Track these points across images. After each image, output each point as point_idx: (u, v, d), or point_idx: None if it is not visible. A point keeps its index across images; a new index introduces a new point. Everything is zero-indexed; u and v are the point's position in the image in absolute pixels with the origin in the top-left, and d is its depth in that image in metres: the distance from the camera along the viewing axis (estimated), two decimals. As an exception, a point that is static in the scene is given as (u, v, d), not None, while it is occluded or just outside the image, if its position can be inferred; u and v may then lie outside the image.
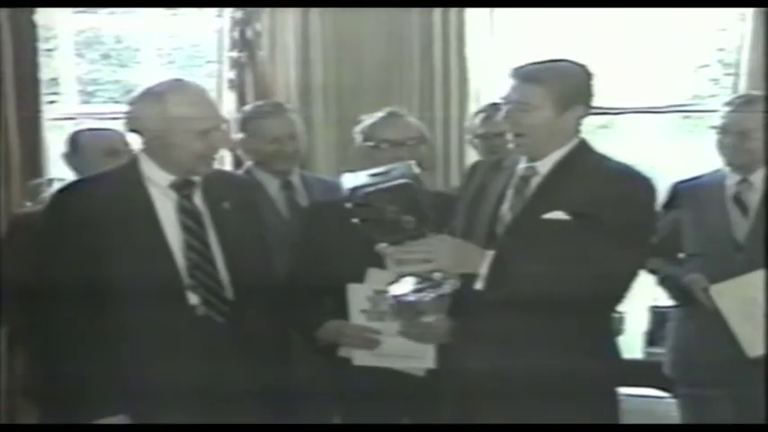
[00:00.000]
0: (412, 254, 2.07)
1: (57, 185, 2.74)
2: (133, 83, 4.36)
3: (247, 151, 3.22)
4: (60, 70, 4.56)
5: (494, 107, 3.01)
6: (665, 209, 3.03)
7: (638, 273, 2.19)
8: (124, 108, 2.37)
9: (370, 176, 2.06)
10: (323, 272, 2.53)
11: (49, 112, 4.25)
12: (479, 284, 2.09)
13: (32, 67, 4.16)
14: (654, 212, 2.33)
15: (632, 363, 3.46)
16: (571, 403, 2.10)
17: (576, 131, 2.28)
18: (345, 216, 2.05)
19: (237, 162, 3.63)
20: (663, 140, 4.39)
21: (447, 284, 2.11)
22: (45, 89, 4.24)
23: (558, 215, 2.15)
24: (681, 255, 3.08)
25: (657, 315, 3.61)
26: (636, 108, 4.29)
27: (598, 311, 2.22)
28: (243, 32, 4.14)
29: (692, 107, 4.37)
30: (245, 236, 2.39)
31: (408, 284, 2.13)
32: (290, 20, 4.14)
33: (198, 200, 2.36)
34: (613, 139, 4.25)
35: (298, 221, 2.92)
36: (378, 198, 2.01)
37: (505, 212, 2.26)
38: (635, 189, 2.17)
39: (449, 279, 2.11)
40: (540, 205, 2.19)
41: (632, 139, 4.32)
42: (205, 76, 4.42)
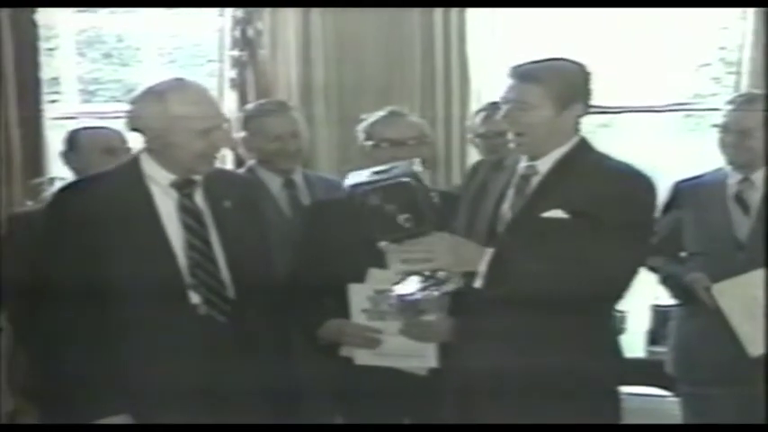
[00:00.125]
0: (412, 252, 2.07)
1: (58, 184, 2.75)
2: (134, 82, 4.35)
3: (250, 149, 3.22)
4: (61, 69, 4.55)
5: (494, 106, 2.97)
6: (666, 208, 3.03)
7: (637, 272, 2.19)
8: (125, 107, 2.37)
9: (372, 174, 2.07)
10: (324, 271, 2.52)
11: (50, 111, 4.25)
12: (478, 282, 2.09)
13: (34, 67, 4.16)
14: (654, 211, 2.33)
15: (634, 361, 3.45)
16: (572, 402, 2.10)
17: (576, 130, 2.28)
18: (347, 215, 2.05)
19: (239, 161, 3.62)
20: (664, 139, 4.38)
21: (450, 283, 2.11)
22: (46, 88, 4.24)
23: (558, 214, 2.15)
24: (682, 254, 3.08)
25: (659, 314, 3.60)
26: (637, 107, 4.28)
27: (597, 310, 2.21)
28: (244, 31, 4.14)
29: (693, 106, 4.37)
30: (246, 235, 2.39)
31: (410, 283, 2.13)
32: (291, 19, 4.13)
33: (199, 199, 2.36)
34: (614, 138, 4.24)
35: (300, 220, 2.91)
36: (376, 196, 2.02)
37: (506, 211, 2.26)
38: (635, 188, 2.17)
39: (452, 278, 2.11)
40: (540, 204, 2.19)
41: (633, 137, 4.31)
42: (206, 75, 4.42)
